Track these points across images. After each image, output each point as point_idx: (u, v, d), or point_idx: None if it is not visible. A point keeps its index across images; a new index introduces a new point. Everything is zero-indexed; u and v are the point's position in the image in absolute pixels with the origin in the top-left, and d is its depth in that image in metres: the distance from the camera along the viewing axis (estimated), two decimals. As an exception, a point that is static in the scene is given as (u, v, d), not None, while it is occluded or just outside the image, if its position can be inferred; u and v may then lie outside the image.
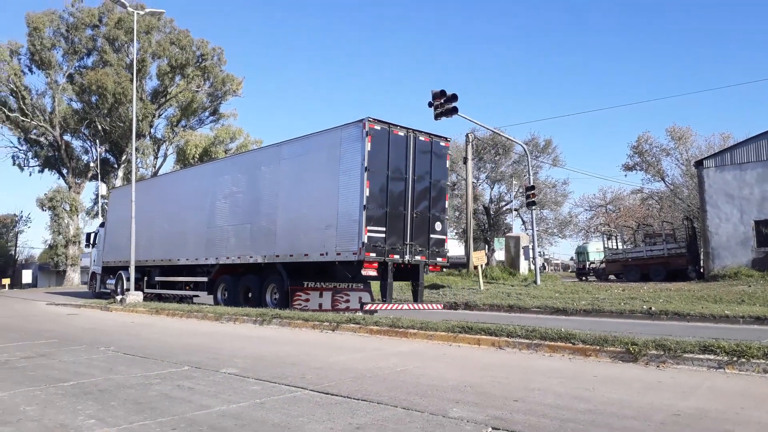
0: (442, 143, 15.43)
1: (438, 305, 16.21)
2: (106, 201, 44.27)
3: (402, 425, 4.76)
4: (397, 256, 14.04)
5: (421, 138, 14.83)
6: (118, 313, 18.05)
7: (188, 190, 20.28)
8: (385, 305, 14.10)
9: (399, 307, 14.43)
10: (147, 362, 8.24)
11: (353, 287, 16.40)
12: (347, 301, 16.55)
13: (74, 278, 45.24)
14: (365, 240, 13.35)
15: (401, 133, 14.44)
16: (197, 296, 20.24)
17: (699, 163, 26.99)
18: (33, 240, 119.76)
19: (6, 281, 47.88)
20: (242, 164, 18.38)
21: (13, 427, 4.84)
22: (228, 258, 17.61)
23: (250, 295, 17.13)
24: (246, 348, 9.72)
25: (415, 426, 4.73)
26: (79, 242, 45.17)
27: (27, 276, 49.87)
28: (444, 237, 15.34)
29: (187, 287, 20.11)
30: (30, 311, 20.19)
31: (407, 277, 15.36)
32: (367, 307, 14.44)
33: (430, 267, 15.43)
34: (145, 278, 22.15)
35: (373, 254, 13.45)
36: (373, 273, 13.82)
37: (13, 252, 60.03)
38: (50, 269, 50.19)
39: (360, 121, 14.09)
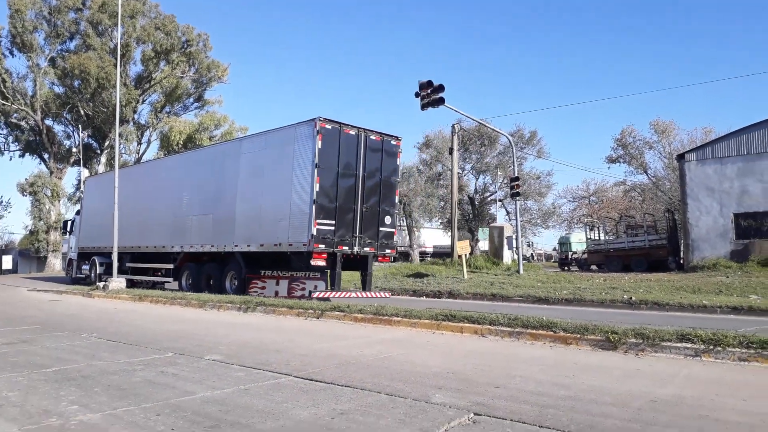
0: (393, 142, 16.11)
1: (386, 293, 16.69)
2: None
3: (385, 410, 4.82)
4: (346, 248, 14.85)
5: (372, 137, 15.59)
6: (100, 299, 17.93)
7: (158, 181, 20.94)
8: (334, 293, 14.69)
9: (348, 295, 14.95)
10: (130, 349, 8.22)
11: (310, 276, 16.96)
12: (303, 288, 17.07)
13: (55, 264, 44.73)
14: (314, 232, 14.15)
15: (352, 132, 15.20)
16: (168, 282, 20.53)
17: (681, 157, 27.31)
18: (13, 225, 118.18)
19: (-14, 267, 47.27)
20: (206, 157, 19.03)
21: (-4, 412, 4.82)
22: (192, 246, 18.44)
23: (212, 282, 17.78)
24: (230, 335, 9.73)
25: (398, 411, 4.79)
26: (61, 228, 44.68)
27: (7, 262, 49.16)
28: (393, 230, 16.19)
29: (158, 273, 20.68)
30: (12, 297, 19.97)
31: (357, 267, 15.96)
32: (315, 295, 14.91)
33: (380, 258, 16.08)
34: (117, 264, 22.43)
35: (321, 246, 14.24)
36: (322, 263, 14.58)
37: (-8, 238, 59.16)
38: (31, 255, 49.46)
39: (312, 120, 14.78)
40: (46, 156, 46.45)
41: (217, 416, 4.66)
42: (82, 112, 43.87)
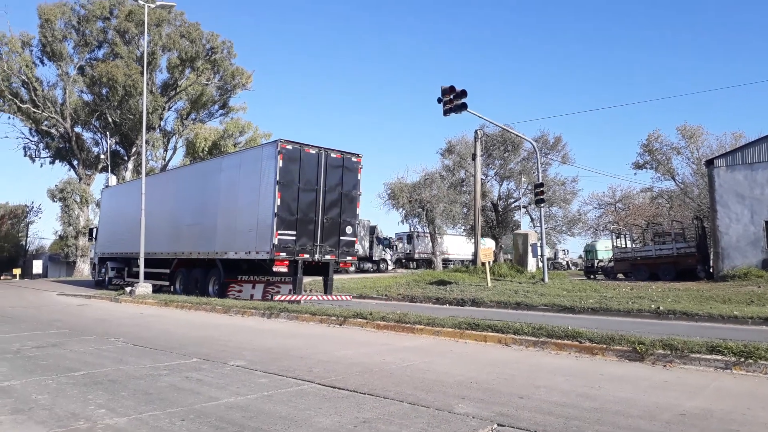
0: (354, 159, 17.54)
1: (348, 296, 17.98)
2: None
3: (408, 420, 4.79)
4: (307, 255, 16.28)
5: (333, 155, 17.06)
6: (127, 304, 18.21)
7: (160, 193, 22.42)
8: (297, 296, 16.14)
9: (310, 298, 16.60)
10: (156, 353, 8.32)
11: (285, 280, 17.74)
12: (278, 292, 17.94)
13: (84, 269, 45.57)
14: (275, 242, 15.68)
15: (313, 151, 16.66)
16: (165, 285, 21.95)
17: (710, 162, 26.79)
18: (44, 231, 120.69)
19: (17, 271, 48.36)
20: (196, 173, 20.80)
21: (26, 416, 4.91)
22: (183, 253, 20.24)
23: (198, 285, 19.43)
24: (254, 341, 9.79)
25: (421, 421, 4.76)
26: (87, 234, 45.59)
27: (37, 266, 50.30)
28: (354, 239, 17.55)
29: (162, 277, 21.86)
30: (41, 301, 20.39)
31: (319, 272, 17.47)
32: (278, 298, 16.32)
33: (341, 264, 17.83)
34: (126, 269, 25.13)
35: (283, 254, 15.73)
36: (284, 269, 16.06)
37: (24, 242, 60.51)
38: (60, 260, 50.53)
39: (275, 142, 16.43)
40: (75, 162, 47.43)
41: (240, 422, 4.69)
42: (109, 119, 44.72)
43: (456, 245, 50.37)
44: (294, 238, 15.97)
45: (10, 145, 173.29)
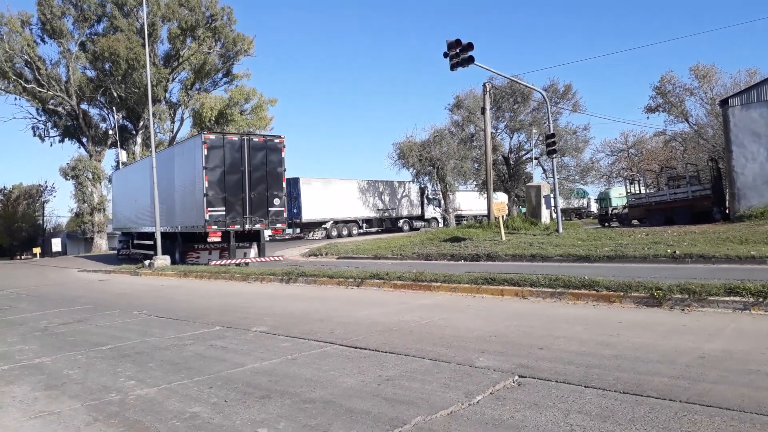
0: (277, 140, 20.08)
1: (280, 256, 21.05)
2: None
3: (430, 376, 4.88)
4: (237, 226, 19.12)
5: (255, 139, 19.81)
6: (147, 277, 18.50)
7: (144, 176, 25.00)
8: (230, 261, 19.27)
9: (243, 261, 19.59)
10: (179, 324, 8.50)
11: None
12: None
13: (101, 244, 46.18)
14: (207, 217, 18.66)
15: (235, 138, 19.46)
16: (151, 254, 23.56)
17: (724, 102, 26.20)
18: (59, 209, 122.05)
19: (37, 250, 49.18)
20: (163, 158, 22.98)
21: (59, 390, 5.07)
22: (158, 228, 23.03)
23: (169, 253, 21.95)
24: (274, 306, 9.95)
25: (443, 376, 4.85)
26: (104, 209, 46.03)
27: (56, 244, 51.08)
28: (282, 209, 20.12)
29: (149, 248, 24.24)
30: (63, 279, 20.79)
31: (252, 239, 20.47)
32: (213, 262, 19.38)
33: (273, 230, 20.69)
34: (129, 242, 29.31)
35: (214, 226, 18.73)
36: (217, 239, 19.08)
37: (41, 221, 61.31)
38: (78, 236, 51.16)
39: (200, 134, 20.05)
40: (84, 140, 47.52)
41: (267, 386, 4.81)
42: (115, 94, 44.55)
43: (468, 201, 50.25)
44: (224, 212, 18.80)
45: (18, 126, 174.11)
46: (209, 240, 18.94)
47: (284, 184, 20.37)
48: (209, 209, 18.64)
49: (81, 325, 8.95)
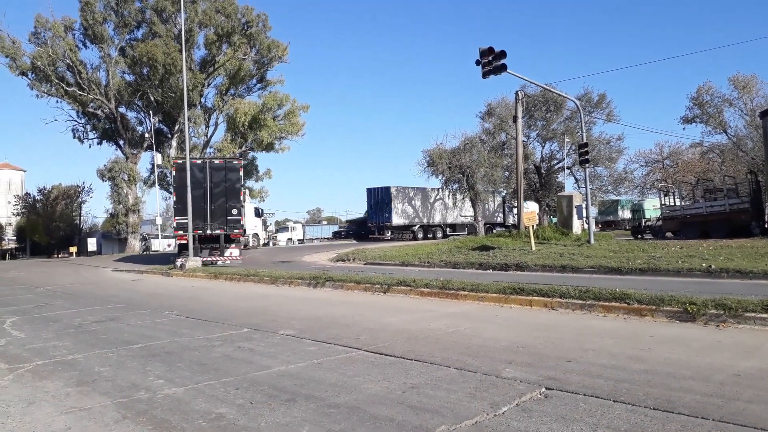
0: (235, 161, 24.50)
1: (237, 256, 23.47)
2: (162, 170, 45.94)
3: (456, 385, 4.84)
4: (200, 231, 22.77)
5: (216, 161, 23.97)
6: (178, 278, 18.81)
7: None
8: (193, 258, 21.61)
9: (205, 260, 22.46)
10: (208, 325, 8.61)
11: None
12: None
13: (135, 245, 47.14)
14: (174, 225, 23.44)
15: (199, 161, 23.63)
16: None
17: (765, 113, 25.53)
18: (96, 209, 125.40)
19: (73, 249, 50.43)
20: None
21: (90, 387, 5.18)
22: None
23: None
24: (302, 310, 10.00)
25: (468, 386, 4.80)
26: (138, 210, 47.00)
27: (92, 244, 52.27)
28: (239, 218, 23.53)
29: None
30: (97, 278, 21.27)
31: (214, 242, 23.53)
32: (179, 260, 21.37)
33: (231, 235, 23.49)
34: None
35: (181, 231, 22.58)
36: (184, 242, 22.42)
37: (78, 221, 62.79)
38: (113, 237, 52.28)
39: (171, 160, 24.71)
40: (121, 142, 48.66)
41: (292, 390, 4.83)
42: (151, 98, 45.55)
43: (499, 210, 50.01)
44: (188, 221, 21.81)
45: (59, 128, 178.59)
46: (178, 242, 23.70)
47: (242, 197, 24.37)
48: (176, 218, 22.88)
49: (113, 323, 9.14)
